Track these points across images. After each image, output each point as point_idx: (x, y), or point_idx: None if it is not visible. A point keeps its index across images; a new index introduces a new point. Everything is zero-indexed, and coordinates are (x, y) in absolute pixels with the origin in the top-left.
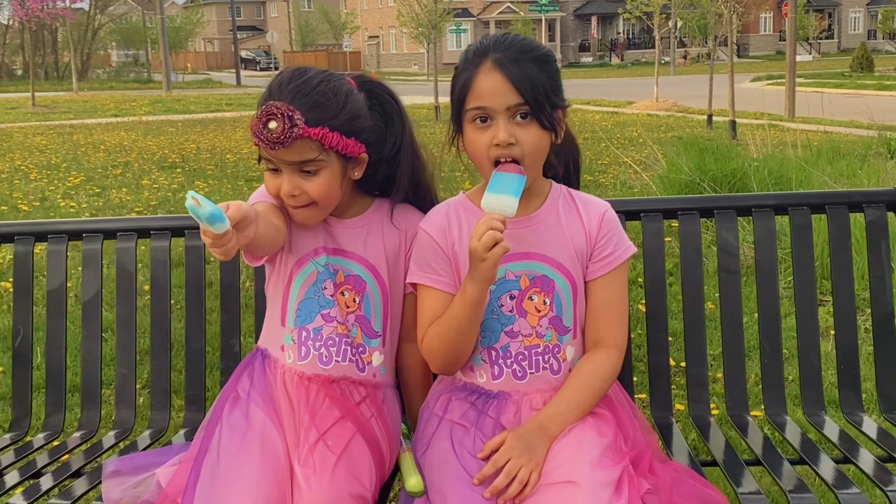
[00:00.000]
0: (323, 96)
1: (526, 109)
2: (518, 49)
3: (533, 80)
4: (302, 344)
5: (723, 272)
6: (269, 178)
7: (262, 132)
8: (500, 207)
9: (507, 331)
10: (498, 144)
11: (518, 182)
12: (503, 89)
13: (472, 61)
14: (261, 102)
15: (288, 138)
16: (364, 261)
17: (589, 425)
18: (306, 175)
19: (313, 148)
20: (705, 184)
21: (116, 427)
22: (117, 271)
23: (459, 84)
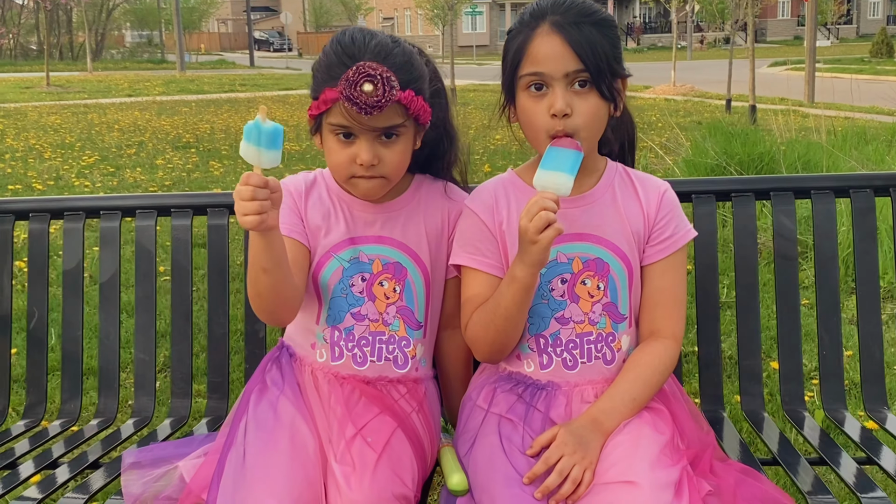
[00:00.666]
0: (406, 56)
1: (585, 77)
2: (578, 11)
3: (594, 44)
4: (335, 344)
5: (779, 258)
6: (336, 147)
7: (357, 95)
8: (553, 186)
9: (558, 317)
10: (554, 115)
11: (574, 158)
12: (561, 54)
13: (528, 24)
14: (332, 64)
15: (387, 101)
16: (403, 246)
17: (645, 421)
18: (385, 142)
19: (399, 113)
20: (732, 168)
21: (135, 415)
22: (136, 251)
23: (514, 48)
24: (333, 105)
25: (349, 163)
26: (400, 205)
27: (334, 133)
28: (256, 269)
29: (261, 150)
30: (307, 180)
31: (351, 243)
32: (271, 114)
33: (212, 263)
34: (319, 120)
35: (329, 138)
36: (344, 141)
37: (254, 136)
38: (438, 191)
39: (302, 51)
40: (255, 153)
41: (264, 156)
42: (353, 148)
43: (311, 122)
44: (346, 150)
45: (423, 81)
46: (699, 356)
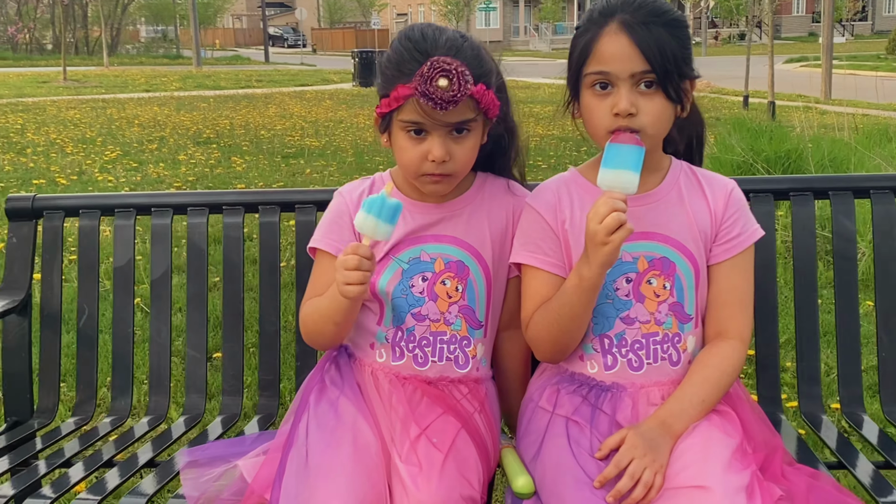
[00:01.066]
0: (476, 50)
1: (651, 78)
2: (648, 11)
3: (662, 45)
4: (395, 345)
5: (838, 258)
6: (408, 145)
7: (433, 90)
8: (619, 184)
9: (623, 317)
10: (618, 114)
11: (637, 155)
12: (629, 54)
13: (597, 21)
14: (403, 60)
15: (462, 96)
16: (467, 245)
17: (714, 424)
18: (456, 137)
19: (471, 107)
20: (758, 165)
21: (186, 412)
22: (188, 248)
23: (580, 45)
24: (406, 102)
25: (421, 160)
26: (463, 203)
27: (405, 130)
28: (327, 321)
29: (379, 222)
30: (364, 188)
31: (411, 244)
32: (289, 108)
33: (263, 260)
34: (389, 118)
35: (400, 136)
36: (415, 138)
37: (376, 209)
38: (501, 188)
39: (316, 47)
40: (374, 225)
41: (381, 228)
42: (425, 144)
43: (378, 120)
44: (417, 146)
45: (492, 75)
46: (756, 358)
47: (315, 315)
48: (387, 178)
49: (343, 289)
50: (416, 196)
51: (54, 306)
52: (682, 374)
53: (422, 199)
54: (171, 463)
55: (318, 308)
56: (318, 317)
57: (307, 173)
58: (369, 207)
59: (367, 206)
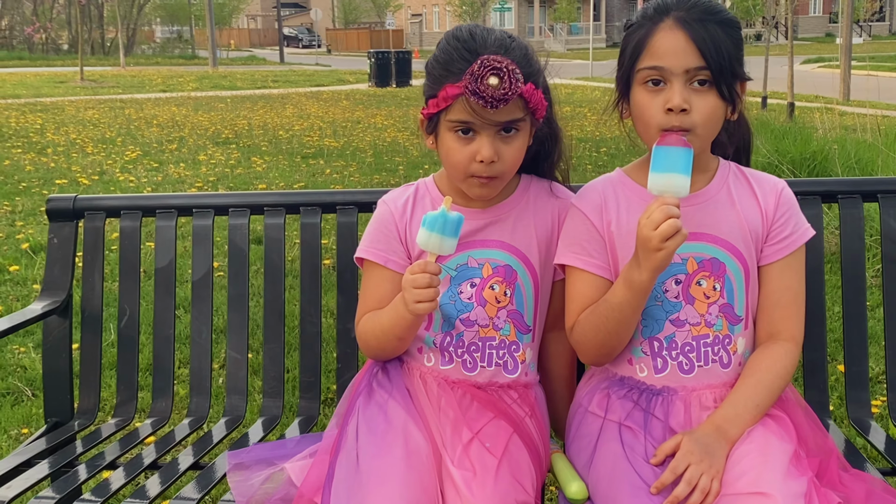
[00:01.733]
0: (524, 50)
1: (706, 75)
2: (704, 9)
3: (718, 43)
4: (444, 350)
5: (887, 262)
6: (456, 146)
7: (483, 88)
8: (671, 188)
9: (673, 319)
10: (671, 109)
11: (685, 156)
12: (684, 49)
13: (652, 17)
14: (452, 60)
15: (513, 94)
16: (514, 249)
17: (771, 430)
18: (504, 138)
19: (520, 107)
20: (784, 166)
21: (227, 415)
22: (229, 249)
23: (634, 41)
24: (454, 101)
25: (469, 161)
26: (509, 206)
27: (453, 130)
28: (391, 337)
29: (444, 238)
30: (409, 196)
31: (458, 250)
32: (306, 109)
33: (304, 261)
34: (436, 119)
35: (447, 136)
36: (463, 138)
37: (438, 226)
38: (545, 190)
39: (331, 47)
40: (439, 241)
41: (446, 244)
42: (474, 145)
43: (424, 122)
44: (466, 147)
45: (540, 76)
46: (804, 362)
47: (377, 331)
48: (431, 184)
49: (414, 307)
50: (462, 201)
51: (95, 307)
52: (733, 376)
53: (467, 204)
54: (213, 467)
55: (381, 324)
56: (379, 332)
57: (327, 173)
58: (431, 225)
59: (428, 224)
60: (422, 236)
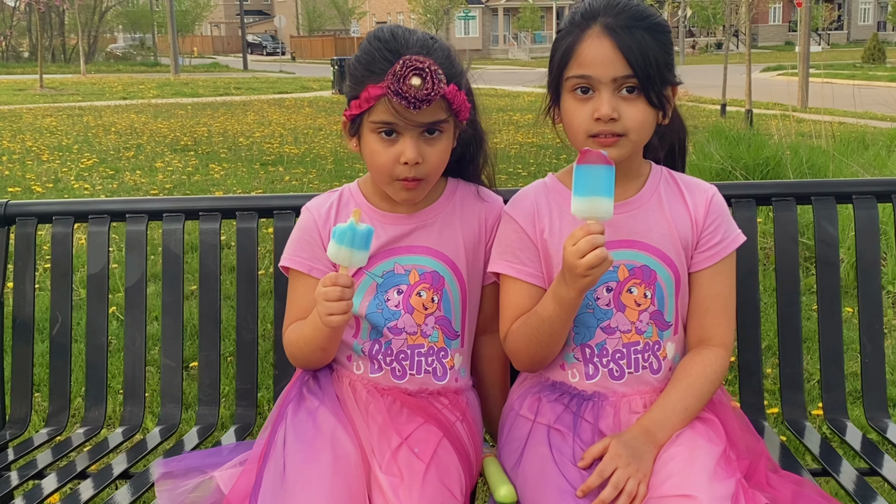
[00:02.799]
0: (446, 51)
1: (633, 83)
2: (631, 15)
3: (645, 50)
4: (373, 358)
5: (821, 264)
6: (379, 148)
7: (406, 89)
8: (595, 213)
9: (604, 326)
10: (599, 118)
11: (607, 176)
12: (611, 58)
13: (579, 24)
14: (374, 60)
15: (435, 94)
16: (440, 255)
17: (699, 432)
18: (428, 140)
19: (443, 108)
20: (737, 172)
21: (161, 422)
22: (163, 255)
23: (562, 48)
24: (377, 102)
25: (393, 163)
26: (435, 211)
27: (376, 132)
28: (314, 348)
29: (353, 251)
30: (332, 202)
31: (384, 257)
32: (267, 115)
33: (240, 267)
34: (359, 121)
35: (370, 138)
36: (386, 139)
37: (347, 238)
38: (472, 194)
39: (295, 55)
40: (348, 255)
41: (356, 257)
42: (397, 146)
43: (346, 124)
44: (389, 149)
45: (462, 77)
46: (739, 364)
47: (300, 342)
48: (355, 190)
49: (326, 320)
50: (387, 207)
51: (27, 315)
52: (663, 381)
53: (392, 209)
54: (145, 474)
55: (303, 335)
56: (303, 343)
57: (286, 180)
58: (340, 238)
59: (338, 237)
60: (332, 249)
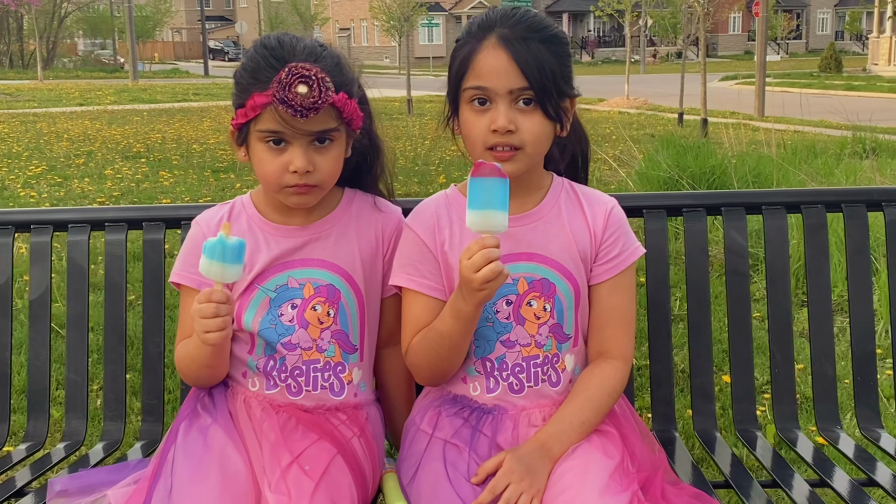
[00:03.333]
0: (336, 59)
1: (530, 95)
2: (527, 26)
3: (541, 62)
4: (268, 375)
5: (731, 274)
6: (267, 157)
7: (292, 97)
8: (489, 226)
9: (504, 340)
10: (496, 130)
11: (501, 189)
12: (507, 70)
13: (476, 35)
14: (259, 68)
15: (322, 103)
16: (336, 267)
17: (595, 445)
18: (318, 149)
19: (333, 116)
20: (684, 181)
21: (66, 438)
22: (68, 266)
23: (459, 59)
24: (263, 111)
25: (282, 172)
26: (330, 223)
27: (264, 141)
28: (200, 366)
29: (225, 265)
30: (223, 215)
31: (277, 270)
32: (224, 122)
33: (147, 279)
34: (246, 129)
35: (258, 147)
36: (275, 148)
37: (218, 253)
38: (369, 205)
39: None
40: (220, 270)
41: (229, 271)
42: (286, 155)
43: (234, 134)
44: (277, 158)
45: (353, 85)
46: (650, 374)
47: (187, 360)
48: (247, 201)
49: (203, 337)
50: (280, 219)
51: None
52: (563, 394)
53: (286, 221)
54: (43, 490)
55: (189, 353)
56: (189, 362)
57: (237, 187)
58: (210, 253)
59: (207, 252)
60: (202, 265)
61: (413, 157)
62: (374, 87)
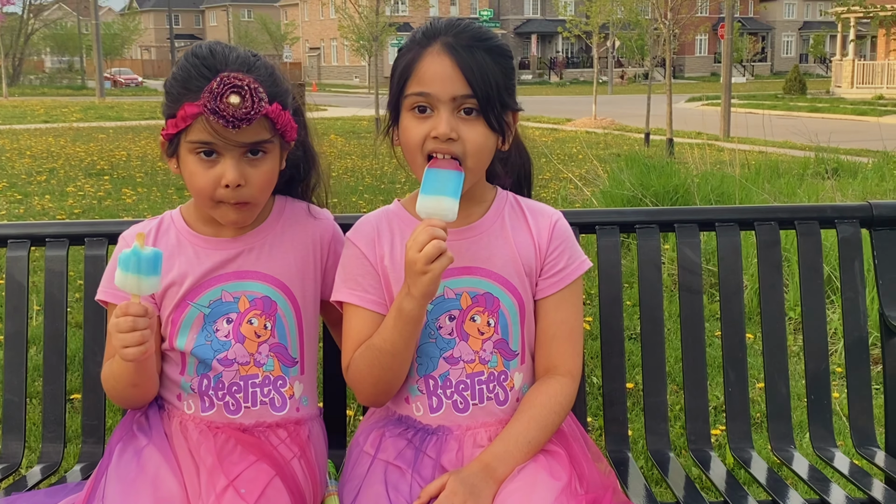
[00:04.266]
0: (270, 70)
1: (473, 103)
2: (472, 35)
3: (485, 71)
4: (203, 394)
5: (683, 291)
6: (199, 169)
7: (224, 107)
8: (439, 211)
9: (447, 356)
10: (436, 137)
11: (456, 180)
12: (450, 76)
13: (420, 41)
14: (190, 77)
15: (255, 113)
16: (271, 278)
17: (541, 465)
18: (251, 161)
19: (266, 127)
20: (647, 199)
21: (3, 460)
22: (6, 283)
23: (402, 65)
24: (194, 121)
25: (214, 185)
26: (263, 233)
27: (194, 152)
28: (125, 384)
29: (141, 277)
30: (151, 229)
31: (210, 285)
32: None
33: (88, 297)
34: (176, 141)
35: (189, 159)
36: (206, 160)
37: (132, 265)
38: (302, 212)
39: None
40: (135, 282)
41: (145, 283)
42: (218, 168)
43: (164, 145)
44: (209, 171)
45: (288, 96)
46: (603, 393)
47: (111, 380)
48: (177, 216)
49: (122, 353)
50: (210, 232)
51: None
52: (510, 413)
53: (216, 234)
54: None
55: (112, 372)
56: (114, 381)
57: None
58: (125, 265)
59: (122, 264)
60: (118, 278)
61: (380, 175)
62: (344, 107)
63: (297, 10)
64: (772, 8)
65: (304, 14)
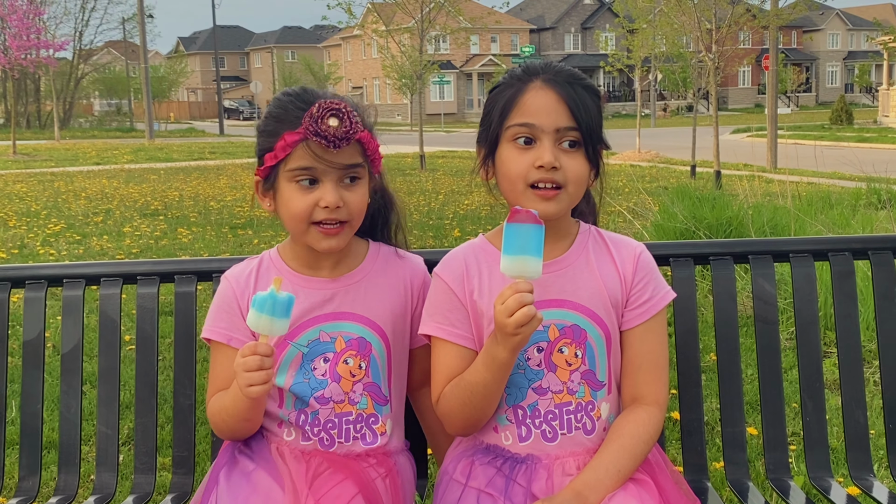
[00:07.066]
0: (355, 104)
1: (575, 136)
2: (570, 73)
3: (586, 104)
4: (300, 428)
5: (759, 322)
6: (299, 196)
7: (325, 129)
8: (524, 272)
9: (535, 387)
10: (541, 166)
11: (537, 236)
12: (556, 108)
13: (521, 78)
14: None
15: (353, 132)
16: (366, 320)
17: (631, 494)
18: (347, 186)
19: (359, 152)
20: (701, 232)
21: (97, 491)
22: (100, 320)
23: (502, 100)
24: (293, 149)
25: (311, 208)
26: (359, 275)
27: (296, 181)
28: (237, 419)
29: (274, 319)
30: (252, 269)
31: (308, 325)
32: (240, 179)
33: (178, 332)
34: (274, 174)
35: (287, 189)
36: (306, 188)
37: (268, 307)
38: (392, 255)
39: None
40: (269, 323)
41: (277, 325)
42: (316, 192)
43: (258, 184)
44: (308, 196)
45: (373, 129)
46: (681, 424)
47: (223, 414)
48: (275, 256)
49: (246, 391)
50: (309, 272)
51: None
52: (597, 442)
53: (314, 273)
54: None
55: (225, 406)
56: (226, 416)
57: (255, 243)
58: (261, 307)
59: (258, 305)
60: (251, 318)
61: (427, 211)
62: (387, 144)
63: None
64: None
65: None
